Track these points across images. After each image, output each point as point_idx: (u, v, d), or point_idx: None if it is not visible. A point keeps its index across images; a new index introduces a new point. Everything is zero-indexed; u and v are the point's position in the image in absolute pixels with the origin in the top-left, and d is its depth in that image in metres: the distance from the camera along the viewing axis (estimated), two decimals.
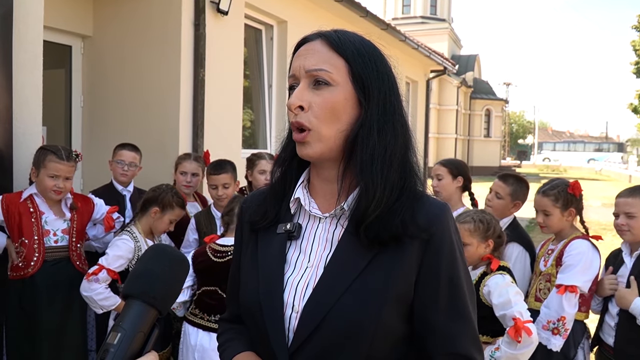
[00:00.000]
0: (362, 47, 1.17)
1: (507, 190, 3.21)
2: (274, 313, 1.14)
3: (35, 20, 3.31)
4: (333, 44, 1.15)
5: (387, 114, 1.16)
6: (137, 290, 0.96)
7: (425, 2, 29.06)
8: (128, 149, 3.83)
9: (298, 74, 1.16)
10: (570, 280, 2.63)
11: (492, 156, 31.28)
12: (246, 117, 6.87)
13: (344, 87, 1.14)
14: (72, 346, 3.10)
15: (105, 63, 5.62)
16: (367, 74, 1.15)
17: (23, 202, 2.99)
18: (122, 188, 3.79)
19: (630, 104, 26.69)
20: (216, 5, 5.57)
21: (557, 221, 2.85)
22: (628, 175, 28.30)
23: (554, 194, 2.86)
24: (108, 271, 2.90)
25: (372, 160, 1.12)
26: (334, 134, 1.14)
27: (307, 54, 1.16)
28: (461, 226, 2.55)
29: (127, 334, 0.91)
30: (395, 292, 1.11)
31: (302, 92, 1.14)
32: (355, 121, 1.15)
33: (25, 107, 3.26)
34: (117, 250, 2.97)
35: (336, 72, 1.13)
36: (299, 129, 1.14)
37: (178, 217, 3.10)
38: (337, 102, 1.13)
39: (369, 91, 1.15)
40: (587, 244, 2.76)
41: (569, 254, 2.72)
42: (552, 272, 2.79)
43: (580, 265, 2.66)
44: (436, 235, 1.14)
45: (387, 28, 9.46)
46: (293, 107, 1.13)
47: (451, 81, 25.96)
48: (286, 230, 1.20)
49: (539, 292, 2.84)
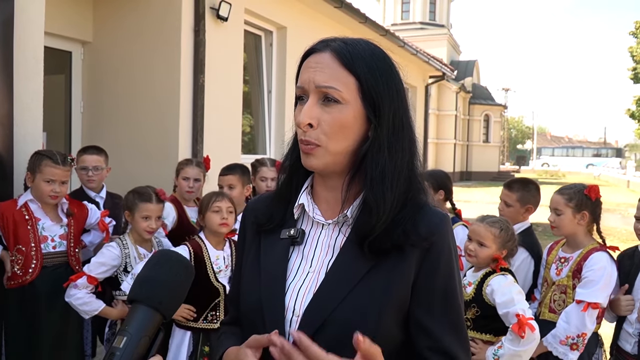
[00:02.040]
0: (373, 61, 1.14)
1: (513, 197, 3.20)
2: (275, 316, 1.15)
3: (36, 27, 3.32)
4: (344, 59, 1.12)
5: (396, 131, 1.16)
6: (142, 295, 0.98)
7: (424, 8, 29.12)
8: (90, 153, 3.65)
9: (307, 88, 1.14)
10: (593, 297, 2.55)
11: (491, 161, 31.29)
12: (246, 123, 6.89)
13: (353, 106, 1.13)
14: (71, 351, 3.10)
15: (105, 69, 5.64)
16: (378, 91, 1.13)
17: (18, 210, 2.97)
18: (95, 194, 3.63)
19: (628, 110, 26.74)
20: (216, 12, 5.60)
21: (567, 222, 2.77)
22: (626, 180, 28.31)
23: (568, 193, 2.80)
24: (88, 277, 2.87)
25: (382, 177, 1.12)
26: (341, 150, 1.14)
27: (317, 68, 1.13)
28: (488, 228, 2.58)
29: (133, 338, 0.93)
30: (395, 298, 1.12)
31: (311, 108, 1.13)
32: (363, 137, 1.15)
33: (26, 112, 3.27)
34: (101, 257, 2.95)
35: (346, 90, 1.12)
36: (306, 144, 1.14)
37: (151, 212, 3.01)
38: (347, 120, 1.12)
39: (379, 109, 1.14)
40: (607, 257, 2.66)
41: (590, 269, 2.62)
42: (568, 283, 2.71)
43: (603, 281, 2.59)
44: (436, 244, 1.15)
45: (386, 34, 9.50)
46: (302, 125, 1.12)
47: (450, 87, 25.99)
48: (290, 235, 1.21)
49: (553, 303, 2.77)
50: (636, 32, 25.19)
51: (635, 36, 25.39)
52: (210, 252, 2.96)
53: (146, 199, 3.03)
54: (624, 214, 14.60)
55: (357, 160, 1.15)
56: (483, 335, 2.51)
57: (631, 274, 2.74)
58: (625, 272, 2.78)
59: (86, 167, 3.58)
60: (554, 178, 33.17)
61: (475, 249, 2.58)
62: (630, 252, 2.84)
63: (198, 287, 2.91)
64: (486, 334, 2.51)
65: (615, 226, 12.27)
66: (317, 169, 1.16)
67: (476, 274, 2.60)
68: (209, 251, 2.96)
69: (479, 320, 2.51)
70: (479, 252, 2.58)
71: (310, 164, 1.16)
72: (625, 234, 10.89)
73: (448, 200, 3.52)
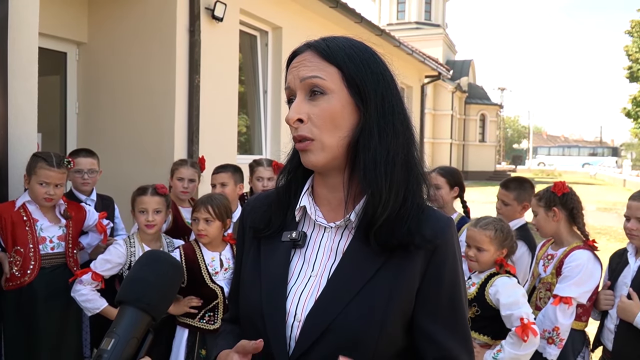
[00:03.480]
0: (353, 50, 1.15)
1: (510, 196, 3.29)
2: (276, 321, 1.13)
3: (30, 27, 3.31)
4: (322, 52, 1.14)
5: (386, 114, 1.15)
6: (130, 296, 0.97)
7: (419, 8, 29.15)
8: (84, 155, 3.61)
9: (293, 86, 1.15)
10: (565, 292, 2.61)
11: (487, 161, 31.34)
12: (241, 123, 6.88)
13: (339, 94, 1.13)
14: (69, 352, 3.08)
15: (100, 69, 5.63)
16: (361, 77, 1.13)
17: (16, 211, 2.96)
18: (86, 197, 3.59)
19: (624, 109, 26.80)
20: (211, 12, 5.59)
21: (542, 221, 2.84)
22: (622, 179, 28.38)
23: (539, 193, 2.90)
24: (93, 274, 2.91)
25: (375, 163, 1.11)
26: (336, 142, 1.13)
27: (299, 65, 1.15)
28: (482, 232, 2.58)
29: (121, 339, 0.92)
30: (399, 302, 1.11)
31: (300, 105, 1.13)
32: (355, 126, 1.14)
33: (20, 113, 3.25)
34: (107, 254, 2.99)
35: (330, 79, 1.13)
36: (300, 141, 1.14)
37: (146, 205, 3.02)
38: (335, 110, 1.12)
39: (365, 94, 1.14)
40: (588, 254, 2.70)
41: (568, 265, 2.68)
42: (552, 281, 2.76)
43: (578, 277, 2.63)
44: (441, 247, 1.14)
45: (382, 34, 9.51)
46: (292, 122, 1.13)
47: (446, 86, 26.02)
48: (291, 238, 1.20)
49: (539, 301, 2.81)
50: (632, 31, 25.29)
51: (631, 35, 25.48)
52: (204, 254, 2.95)
53: (141, 192, 3.08)
54: (620, 213, 14.62)
55: (353, 152, 1.14)
56: (481, 336, 2.51)
57: (617, 271, 2.80)
58: (613, 270, 2.85)
59: (81, 170, 3.55)
60: (550, 177, 33.22)
61: (475, 254, 2.58)
62: (620, 252, 2.90)
63: (193, 289, 2.91)
64: (484, 336, 2.51)
65: (611, 225, 12.31)
66: (316, 165, 1.15)
67: (480, 275, 2.60)
68: (203, 253, 2.95)
69: (478, 320, 2.51)
70: (479, 257, 2.57)
71: (309, 161, 1.15)
72: (622, 233, 10.84)
73: (459, 198, 3.55)
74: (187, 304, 2.89)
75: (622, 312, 2.62)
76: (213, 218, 2.91)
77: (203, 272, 2.90)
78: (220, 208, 2.93)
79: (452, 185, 3.46)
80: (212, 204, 2.93)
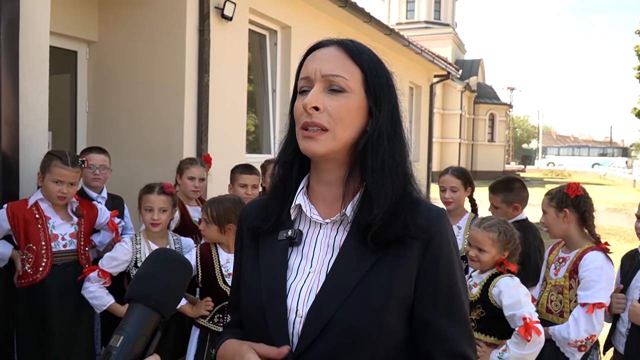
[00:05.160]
0: (374, 56, 1.21)
1: (497, 199, 3.30)
2: (278, 318, 1.14)
3: (41, 26, 3.33)
4: (350, 52, 1.18)
5: (394, 124, 1.21)
6: (139, 293, 0.98)
7: (429, 7, 29.08)
8: (96, 152, 3.63)
9: (313, 77, 1.17)
10: (596, 298, 2.55)
11: (496, 161, 31.20)
12: (250, 122, 6.89)
13: (358, 96, 1.17)
14: (81, 350, 3.10)
15: (110, 68, 5.65)
16: (380, 85, 1.19)
17: (29, 209, 2.98)
18: (97, 195, 3.59)
19: (634, 109, 26.61)
20: (220, 11, 5.60)
21: (552, 222, 2.79)
22: (632, 179, 28.15)
23: (551, 193, 2.85)
24: (100, 271, 2.95)
25: (382, 166, 1.16)
26: (345, 138, 1.16)
27: (323, 58, 1.17)
28: (485, 233, 2.56)
29: (129, 337, 0.93)
30: (398, 294, 1.13)
31: (317, 94, 1.15)
32: (362, 129, 1.18)
33: (32, 112, 3.28)
34: (114, 252, 3.04)
35: (352, 80, 1.16)
36: (311, 128, 1.15)
37: (152, 203, 3.03)
38: (352, 108, 1.16)
39: (379, 102, 1.18)
40: (602, 256, 2.65)
41: (586, 269, 2.61)
42: (564, 284, 2.72)
43: (603, 280, 2.58)
44: (435, 237, 1.17)
45: (391, 33, 9.48)
46: (308, 107, 1.14)
47: (455, 86, 25.95)
48: (287, 236, 1.22)
49: (550, 304, 2.78)
50: None
51: None
52: (220, 255, 2.97)
53: (148, 190, 3.09)
54: (630, 214, 14.53)
55: (356, 154, 1.17)
56: (487, 337, 2.50)
57: (629, 274, 2.75)
58: (625, 272, 2.80)
59: (93, 166, 3.56)
60: (559, 177, 33.04)
61: (477, 255, 2.57)
62: (632, 254, 2.85)
63: (206, 289, 2.93)
64: (490, 336, 2.50)
65: (621, 226, 12.25)
66: (318, 154, 1.16)
67: (482, 275, 2.59)
68: (219, 254, 2.97)
69: (483, 322, 2.50)
70: (480, 257, 2.57)
71: (312, 149, 1.16)
72: (631, 233, 10.84)
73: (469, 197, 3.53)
74: (205, 307, 2.91)
75: (634, 316, 2.58)
76: (210, 221, 2.91)
77: (216, 273, 2.92)
78: (220, 212, 2.90)
79: (466, 186, 3.45)
80: (211, 207, 2.93)
